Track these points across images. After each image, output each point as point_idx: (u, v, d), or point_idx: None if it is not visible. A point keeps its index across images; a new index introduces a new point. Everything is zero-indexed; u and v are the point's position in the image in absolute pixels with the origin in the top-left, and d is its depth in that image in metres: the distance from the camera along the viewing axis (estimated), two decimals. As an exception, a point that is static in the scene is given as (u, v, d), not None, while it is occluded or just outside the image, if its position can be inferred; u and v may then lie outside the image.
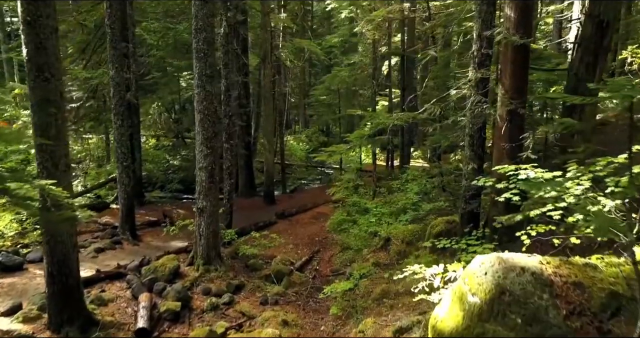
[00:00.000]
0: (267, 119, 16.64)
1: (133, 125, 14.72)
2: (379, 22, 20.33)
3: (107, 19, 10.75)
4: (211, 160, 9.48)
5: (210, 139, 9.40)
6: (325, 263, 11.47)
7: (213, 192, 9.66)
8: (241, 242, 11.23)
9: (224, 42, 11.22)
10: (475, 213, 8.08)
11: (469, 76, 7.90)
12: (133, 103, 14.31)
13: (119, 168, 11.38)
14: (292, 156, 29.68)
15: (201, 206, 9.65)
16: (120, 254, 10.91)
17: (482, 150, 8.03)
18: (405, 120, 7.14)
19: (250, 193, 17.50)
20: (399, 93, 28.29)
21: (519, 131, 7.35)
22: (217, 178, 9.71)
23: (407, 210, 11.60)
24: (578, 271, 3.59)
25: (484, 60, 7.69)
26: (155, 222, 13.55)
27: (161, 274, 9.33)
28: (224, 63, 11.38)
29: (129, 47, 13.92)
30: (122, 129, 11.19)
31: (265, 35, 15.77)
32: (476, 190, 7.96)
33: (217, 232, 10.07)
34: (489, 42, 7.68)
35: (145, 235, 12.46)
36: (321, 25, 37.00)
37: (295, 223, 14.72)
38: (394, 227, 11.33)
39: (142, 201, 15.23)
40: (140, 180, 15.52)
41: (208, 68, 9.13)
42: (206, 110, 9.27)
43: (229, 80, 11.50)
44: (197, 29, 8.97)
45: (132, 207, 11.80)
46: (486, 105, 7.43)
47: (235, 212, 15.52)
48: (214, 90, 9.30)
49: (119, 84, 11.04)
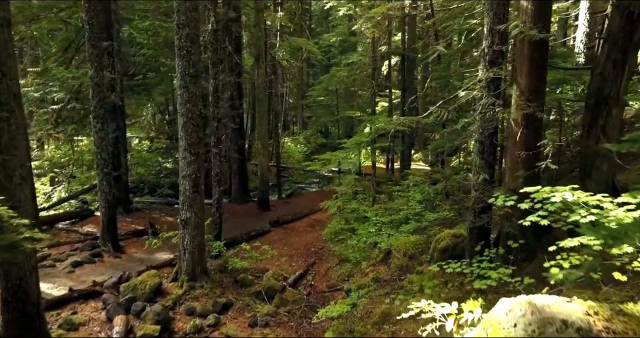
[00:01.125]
0: (261, 121, 15.84)
1: (118, 128, 13.92)
2: (379, 20, 19.55)
3: (85, 14, 9.95)
4: (195, 167, 8.68)
5: (195, 145, 8.60)
6: (321, 277, 10.67)
7: (198, 202, 8.86)
8: (231, 254, 10.44)
9: (212, 40, 10.43)
10: (486, 228, 7.28)
11: (479, 76, 7.10)
12: (118, 105, 13.51)
13: (99, 175, 10.58)
14: (290, 158, 28.88)
15: (185, 217, 8.85)
16: (100, 268, 10.10)
17: (493, 158, 7.24)
18: (408, 125, 6.35)
19: (243, 199, 16.70)
20: (399, 93, 27.54)
21: (536, 137, 6.56)
22: (202, 187, 8.91)
23: (409, 220, 10.80)
24: (638, 326, 2.78)
25: (496, 57, 6.90)
26: (141, 232, 12.74)
27: (141, 292, 8.52)
28: (212, 62, 10.58)
29: (113, 46, 13.13)
30: (102, 133, 10.38)
31: (259, 34, 14.97)
32: (487, 202, 7.16)
33: (203, 246, 9.27)
34: (501, 37, 6.88)
35: (129, 246, 11.66)
36: (319, 25, 36.27)
37: (290, 231, 13.92)
38: (395, 238, 10.54)
39: (128, 208, 14.42)
40: (126, 186, 14.72)
41: (192, 67, 8.34)
42: (190, 113, 8.48)
43: (217, 81, 10.70)
44: (179, 24, 8.18)
45: (114, 216, 11.00)
46: (499, 109, 6.64)
47: (227, 220, 14.73)
48: (199, 91, 8.50)
49: (99, 84, 10.24)
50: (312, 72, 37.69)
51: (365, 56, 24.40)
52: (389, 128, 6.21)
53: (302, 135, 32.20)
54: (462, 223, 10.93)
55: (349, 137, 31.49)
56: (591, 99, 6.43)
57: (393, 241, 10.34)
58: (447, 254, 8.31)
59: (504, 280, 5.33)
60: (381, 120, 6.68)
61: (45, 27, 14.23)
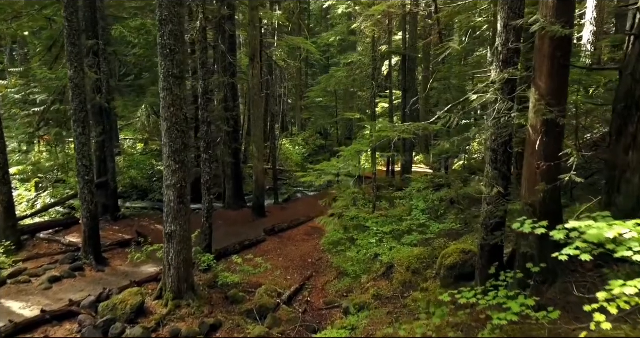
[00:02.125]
0: (256, 124, 15.13)
1: (105, 131, 13.20)
2: (379, 18, 18.84)
3: (64, 10, 9.24)
4: (181, 176, 7.97)
5: (179, 152, 7.89)
6: (319, 292, 9.96)
7: (183, 214, 8.15)
8: (222, 268, 9.73)
9: (200, 38, 9.72)
10: (499, 246, 6.58)
11: (491, 77, 6.41)
12: (104, 107, 12.79)
13: (80, 183, 9.87)
14: (288, 160, 28.15)
15: (170, 231, 8.14)
16: (80, 284, 9.39)
17: (507, 168, 6.54)
18: (413, 132, 5.64)
19: (238, 205, 15.99)
20: (399, 94, 26.84)
21: (557, 146, 5.85)
22: (188, 197, 8.21)
23: (412, 231, 10.10)
24: None
25: (511, 57, 6.22)
26: (128, 241, 12.03)
27: (121, 313, 7.82)
28: (201, 62, 9.87)
29: (99, 44, 12.42)
30: (82, 138, 9.67)
31: (254, 32, 14.27)
32: (501, 218, 6.47)
33: (190, 260, 8.56)
34: (517, 34, 6.20)
35: (113, 258, 10.94)
36: (318, 24, 35.59)
37: (286, 240, 13.21)
38: (398, 250, 9.85)
39: (115, 216, 13.69)
40: (114, 192, 13.99)
41: (176, 67, 7.63)
42: (174, 117, 7.77)
43: (207, 82, 9.99)
44: (162, 20, 7.48)
45: (97, 227, 10.28)
46: (515, 114, 5.93)
47: (220, 228, 14.04)
48: (184, 93, 7.80)
49: (79, 86, 9.52)
50: (311, 73, 36.99)
51: (365, 56, 23.69)
52: (392, 136, 5.51)
53: (301, 137, 31.49)
54: (468, 235, 10.26)
55: (349, 139, 31.02)
56: (620, 103, 5.73)
57: (395, 254, 9.65)
58: (455, 272, 7.62)
59: (526, 312, 4.63)
60: (384, 126, 5.97)
61: (29, 25, 13.51)
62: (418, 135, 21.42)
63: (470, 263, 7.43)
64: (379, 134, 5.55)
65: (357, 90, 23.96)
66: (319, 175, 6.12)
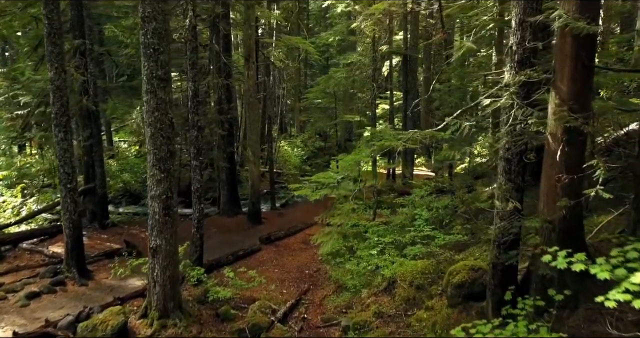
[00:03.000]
0: (252, 127, 14.53)
1: (93, 135, 12.59)
2: (380, 17, 18.26)
3: (43, 7, 8.64)
4: (166, 186, 7.37)
5: (165, 160, 7.29)
6: (316, 307, 9.35)
7: (169, 227, 7.55)
8: (212, 283, 9.11)
9: (190, 38, 9.11)
10: (513, 266, 5.97)
11: (505, 79, 5.82)
12: (92, 110, 12.19)
13: (62, 191, 9.27)
14: (286, 163, 27.54)
15: (154, 245, 7.54)
16: (60, 300, 8.78)
17: (522, 179, 5.94)
18: (420, 141, 5.05)
19: (233, 211, 15.39)
20: (400, 95, 26.25)
21: (580, 156, 5.26)
22: (175, 209, 7.61)
23: (416, 243, 9.50)
24: None
25: (527, 57, 5.61)
26: (115, 252, 11.42)
27: (101, 334, 7.22)
28: (191, 62, 9.27)
29: (85, 44, 11.82)
30: (64, 144, 9.06)
31: (249, 31, 13.68)
32: (515, 235, 5.86)
33: (177, 277, 7.96)
34: (533, 32, 5.60)
35: (99, 271, 10.34)
36: (317, 24, 35.03)
37: (282, 249, 12.61)
38: (400, 263, 9.23)
39: (104, 224, 13.07)
40: (103, 198, 13.38)
41: (160, 68, 7.03)
42: (159, 122, 7.17)
43: (197, 84, 9.39)
44: (144, 17, 6.88)
45: (80, 237, 9.68)
46: (533, 120, 5.33)
47: (213, 236, 13.45)
48: (169, 97, 7.20)
49: (61, 88, 8.92)
50: (310, 73, 36.41)
51: (365, 56, 23.12)
52: (396, 146, 4.92)
53: (300, 139, 30.88)
54: (475, 247, 9.67)
55: (349, 140, 30.36)
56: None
57: (397, 267, 9.05)
58: (463, 290, 7.02)
59: (550, 349, 4.04)
60: (386, 133, 5.37)
61: (13, 24, 12.90)
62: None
63: (480, 282, 6.83)
64: (382, 143, 4.95)
65: (356, 92, 23.34)
66: (314, 188, 5.54)
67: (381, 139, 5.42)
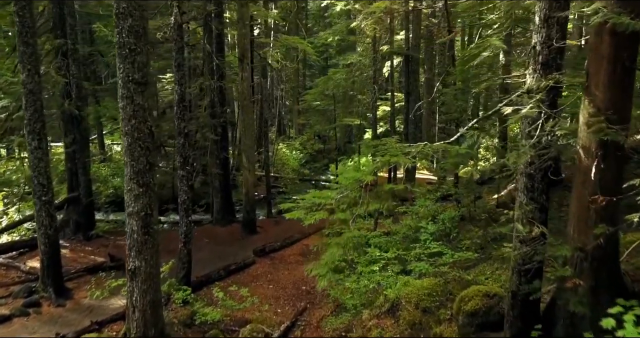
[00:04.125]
0: (246, 131, 13.79)
1: (76, 141, 11.84)
2: (380, 16, 17.54)
3: (14, 4, 7.91)
4: (145, 202, 6.64)
5: (144, 173, 6.55)
6: (313, 330, 8.62)
7: (150, 246, 6.81)
8: (200, 304, 8.37)
9: (176, 37, 8.37)
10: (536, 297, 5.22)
11: (527, 83, 5.09)
12: (74, 114, 11.44)
13: (36, 204, 8.54)
14: (284, 166, 26.80)
15: (133, 267, 6.80)
16: (33, 324, 8.04)
17: (546, 197, 5.21)
18: (431, 154, 4.32)
19: (227, 220, 14.65)
20: (401, 97, 25.50)
21: (618, 174, 4.53)
22: (155, 226, 6.87)
23: (421, 260, 8.76)
24: None
25: (554, 58, 4.88)
26: (99, 266, 10.68)
27: (73, 367, 6.48)
28: (176, 64, 8.54)
29: (67, 44, 11.07)
30: (38, 153, 8.32)
31: (243, 30, 12.94)
32: (539, 262, 5.12)
33: (159, 301, 7.22)
34: (561, 29, 4.87)
35: (79, 289, 9.59)
36: (316, 23, 34.32)
37: (278, 262, 11.86)
38: (405, 282, 8.50)
39: (88, 235, 12.31)
40: (88, 207, 12.64)
41: (137, 71, 6.29)
42: (137, 131, 6.44)
43: (183, 87, 8.65)
44: (119, 13, 6.15)
45: (57, 254, 8.94)
46: (562, 132, 4.60)
47: (205, 247, 12.72)
48: (148, 102, 6.46)
49: (34, 91, 8.18)
50: (309, 74, 35.71)
51: (365, 57, 22.40)
52: (403, 162, 4.19)
53: (298, 141, 30.14)
54: (485, 264, 8.93)
55: (349, 143, 29.59)
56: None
57: (402, 287, 8.31)
58: (477, 319, 6.29)
59: None
60: (391, 145, 4.64)
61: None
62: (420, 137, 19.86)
63: (496, 311, 6.10)
64: (387, 159, 4.22)
65: (356, 94, 22.60)
66: (308, 210, 4.82)
67: (385, 153, 4.70)
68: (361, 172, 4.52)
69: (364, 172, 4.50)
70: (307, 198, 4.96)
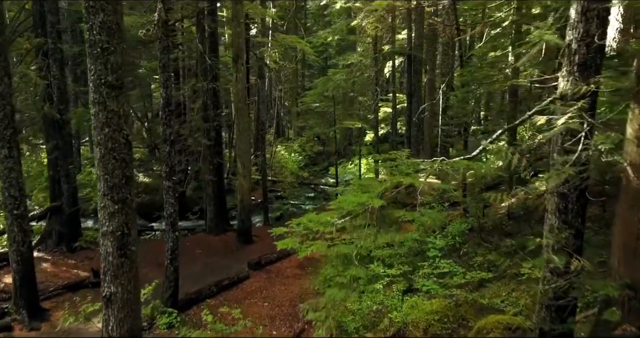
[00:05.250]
0: (241, 135, 13.05)
1: (58, 147, 11.08)
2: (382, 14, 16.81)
3: (-19, -1, 7.17)
4: (122, 220, 5.89)
5: (119, 188, 5.81)
6: (311, 356, 7.88)
7: (127, 270, 6.05)
8: (186, 329, 7.62)
9: (161, 35, 7.63)
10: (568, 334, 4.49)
11: (559, 88, 4.35)
12: (56, 118, 10.70)
13: (7, 218, 7.79)
14: (283, 169, 26.05)
15: (108, 293, 6.04)
16: (3, 351, 7.28)
17: (581, 221, 4.47)
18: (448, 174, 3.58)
19: (221, 228, 13.90)
20: (402, 98, 24.75)
21: (674, 197, 3.81)
22: (133, 247, 6.12)
23: (430, 277, 8.02)
24: None
25: (593, 58, 4.15)
26: (81, 283, 9.93)
27: None
28: (161, 65, 7.80)
29: (48, 43, 10.33)
30: (8, 162, 7.57)
31: (238, 29, 12.19)
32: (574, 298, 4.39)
33: (138, 328, 6.45)
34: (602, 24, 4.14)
35: (57, 308, 8.84)
36: (316, 23, 33.59)
37: (274, 276, 11.11)
38: (411, 305, 7.77)
39: (72, 247, 11.55)
40: (73, 217, 11.88)
41: (111, 73, 5.55)
42: (110, 141, 5.69)
43: (169, 90, 7.90)
44: (88, 7, 5.40)
45: (31, 272, 8.19)
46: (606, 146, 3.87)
47: (197, 260, 11.99)
48: (124, 108, 5.71)
49: (3, 94, 7.43)
50: (308, 74, 34.96)
51: (366, 57, 21.66)
52: (418, 185, 3.46)
53: (297, 143, 29.38)
54: (500, 283, 8.18)
55: (349, 144, 28.84)
56: None
57: (408, 310, 7.58)
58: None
59: None
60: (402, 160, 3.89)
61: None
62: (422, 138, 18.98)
63: (519, 346, 5.37)
64: (397, 180, 3.49)
65: (357, 95, 21.84)
66: (304, 239, 4.10)
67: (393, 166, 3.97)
68: (366, 195, 3.78)
69: (370, 194, 3.76)
70: (303, 221, 4.23)
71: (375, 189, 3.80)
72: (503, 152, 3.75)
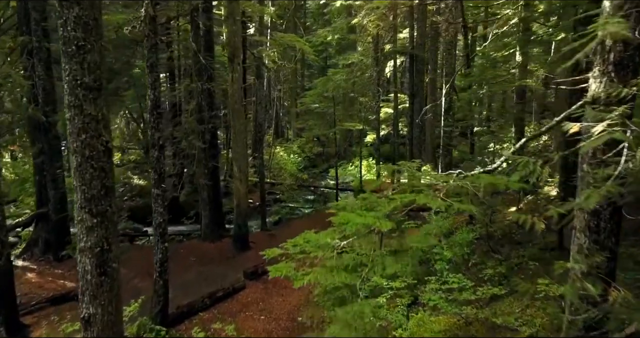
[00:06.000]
0: (237, 138, 12.52)
1: (44, 151, 10.55)
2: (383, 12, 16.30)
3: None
4: (101, 235, 5.36)
5: (98, 200, 5.28)
6: (310, 377, 7.35)
7: (107, 289, 5.53)
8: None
9: (148, 33, 7.11)
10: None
11: (590, 90, 3.84)
12: (42, 120, 10.17)
13: (-17, 229, 7.26)
14: (282, 171, 25.52)
15: (87, 315, 5.51)
16: (-24, 374, 6.75)
17: (615, 241, 3.96)
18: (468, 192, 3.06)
19: (217, 234, 13.37)
20: (404, 98, 24.23)
21: None
22: (114, 264, 5.59)
23: (437, 292, 7.49)
24: None
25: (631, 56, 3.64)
26: (67, 295, 9.40)
27: None
28: (149, 64, 7.28)
29: (32, 42, 9.80)
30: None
31: (234, 27, 11.66)
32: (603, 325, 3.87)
33: (121, 353, 5.92)
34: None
35: (38, 324, 8.32)
36: (315, 22, 33.12)
37: (271, 286, 10.59)
38: (417, 321, 7.26)
39: (59, 256, 11.02)
40: (62, 224, 11.34)
41: (88, 74, 5.04)
42: (88, 148, 5.17)
43: (157, 92, 7.38)
44: (62, 1, 4.86)
45: (10, 285, 7.67)
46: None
47: (191, 268, 11.47)
48: (102, 112, 5.19)
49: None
50: (308, 74, 34.45)
51: (367, 56, 21.15)
52: (433, 205, 2.95)
53: (297, 144, 28.85)
54: (512, 298, 7.66)
55: (350, 146, 28.30)
56: None
57: (414, 328, 7.06)
58: None
59: None
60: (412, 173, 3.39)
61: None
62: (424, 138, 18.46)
63: (539, 376, 4.85)
64: (410, 198, 2.98)
65: (357, 96, 21.30)
66: (300, 265, 3.60)
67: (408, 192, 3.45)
68: (372, 214, 3.27)
69: (376, 213, 3.24)
70: (299, 243, 3.71)
71: (382, 208, 3.29)
72: (531, 164, 3.23)
